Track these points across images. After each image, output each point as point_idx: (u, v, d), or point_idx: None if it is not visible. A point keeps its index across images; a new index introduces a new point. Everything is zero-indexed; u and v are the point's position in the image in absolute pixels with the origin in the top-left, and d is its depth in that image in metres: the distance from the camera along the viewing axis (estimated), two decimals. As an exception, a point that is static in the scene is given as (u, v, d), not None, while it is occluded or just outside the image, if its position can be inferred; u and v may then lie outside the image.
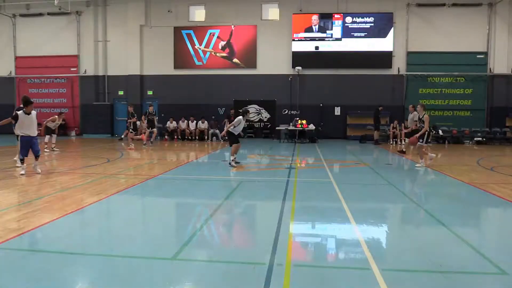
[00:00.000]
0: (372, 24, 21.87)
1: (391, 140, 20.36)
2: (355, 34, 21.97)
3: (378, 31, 21.86)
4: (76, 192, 8.14)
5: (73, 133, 24.40)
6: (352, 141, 21.40)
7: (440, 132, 20.81)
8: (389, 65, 22.00)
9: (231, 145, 11.96)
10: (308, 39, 22.10)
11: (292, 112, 22.51)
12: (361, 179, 10.19)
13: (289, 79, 22.36)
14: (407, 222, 6.58)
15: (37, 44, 24.61)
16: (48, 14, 24.30)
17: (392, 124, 20.57)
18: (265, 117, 22.97)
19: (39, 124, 10.88)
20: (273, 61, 22.57)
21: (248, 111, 12.96)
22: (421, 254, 4.73)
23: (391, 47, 21.89)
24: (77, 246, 5.05)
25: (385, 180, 9.81)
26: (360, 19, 21.95)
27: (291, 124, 21.22)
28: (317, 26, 22.08)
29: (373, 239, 5.37)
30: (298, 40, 22.14)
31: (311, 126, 20.73)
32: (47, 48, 24.58)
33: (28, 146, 10.05)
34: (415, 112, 14.42)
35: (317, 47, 22.05)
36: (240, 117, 11.87)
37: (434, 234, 5.66)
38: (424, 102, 21.92)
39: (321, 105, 22.05)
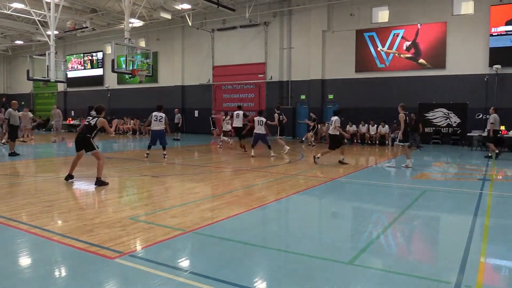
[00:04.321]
0: None
1: None
2: None
3: None
4: (260, 189, 8.75)
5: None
6: None
7: None
8: None
9: (333, 148, 12.83)
10: (510, 33, 19.28)
11: (488, 116, 19.91)
12: None
13: (485, 79, 19.89)
14: None
15: (230, 54, 27.43)
16: (240, 26, 26.83)
17: None
18: (454, 121, 20.90)
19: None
20: (465, 60, 20.39)
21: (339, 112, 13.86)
22: None
23: None
24: (258, 239, 5.42)
25: None
26: None
27: (486, 130, 18.83)
28: (522, 18, 19.11)
29: None
30: (497, 35, 19.52)
31: (512, 133, 18.03)
32: (238, 57, 27.18)
33: (155, 138, 13.60)
34: (494, 115, 14.97)
35: (522, 42, 19.07)
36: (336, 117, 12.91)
37: None
38: None
39: (525, 108, 18.98)
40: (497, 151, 15.21)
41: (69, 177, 9.23)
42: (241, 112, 16.22)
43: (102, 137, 24.87)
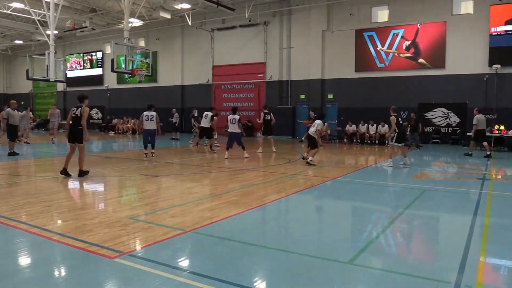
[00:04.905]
0: None
1: None
2: None
3: None
4: (260, 189, 8.75)
5: (258, 134, 26.36)
6: None
7: None
8: None
9: (313, 148, 12.67)
10: (510, 32, 19.29)
11: (488, 116, 19.89)
12: None
13: (485, 78, 19.90)
14: None
15: (230, 53, 27.41)
16: (240, 26, 26.80)
17: None
18: (454, 121, 20.91)
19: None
20: (465, 60, 20.40)
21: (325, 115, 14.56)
22: None
23: None
24: (258, 238, 5.42)
25: None
26: None
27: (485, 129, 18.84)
28: (522, 17, 19.10)
29: None
30: (497, 35, 19.52)
31: (512, 133, 18.06)
32: (238, 56, 27.15)
33: (147, 137, 13.79)
34: (478, 115, 15.57)
35: (521, 41, 19.06)
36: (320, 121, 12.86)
37: None
38: None
39: (525, 108, 19.00)
40: (471, 153, 15.85)
41: (64, 171, 9.59)
42: (210, 114, 16.11)
43: (102, 137, 24.88)
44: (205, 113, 16.09)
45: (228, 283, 3.86)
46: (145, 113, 13.81)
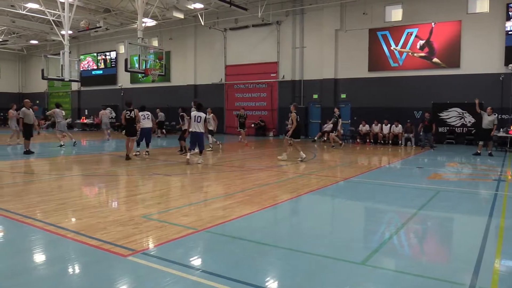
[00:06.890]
0: None
1: None
2: None
3: None
4: (272, 188, 8.74)
5: (271, 134, 26.39)
6: None
7: None
8: None
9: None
10: (527, 31, 18.96)
11: (504, 116, 19.64)
12: None
13: (501, 78, 19.59)
14: None
15: (243, 53, 27.44)
16: (253, 26, 26.81)
17: None
18: (469, 121, 20.62)
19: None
20: (480, 59, 20.11)
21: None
22: None
23: None
24: (270, 238, 5.41)
25: None
26: None
27: (501, 130, 18.59)
28: (539, 16, 18.76)
29: None
30: (514, 34, 19.21)
31: (528, 133, 17.77)
32: (251, 56, 27.17)
33: (146, 135, 14.54)
34: (494, 115, 15.80)
35: (538, 40, 18.73)
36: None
37: None
38: None
39: (542, 108, 18.67)
40: (490, 151, 16.05)
41: (127, 157, 12.95)
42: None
43: (115, 136, 25.10)
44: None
45: (241, 282, 3.86)
46: (141, 113, 14.24)
